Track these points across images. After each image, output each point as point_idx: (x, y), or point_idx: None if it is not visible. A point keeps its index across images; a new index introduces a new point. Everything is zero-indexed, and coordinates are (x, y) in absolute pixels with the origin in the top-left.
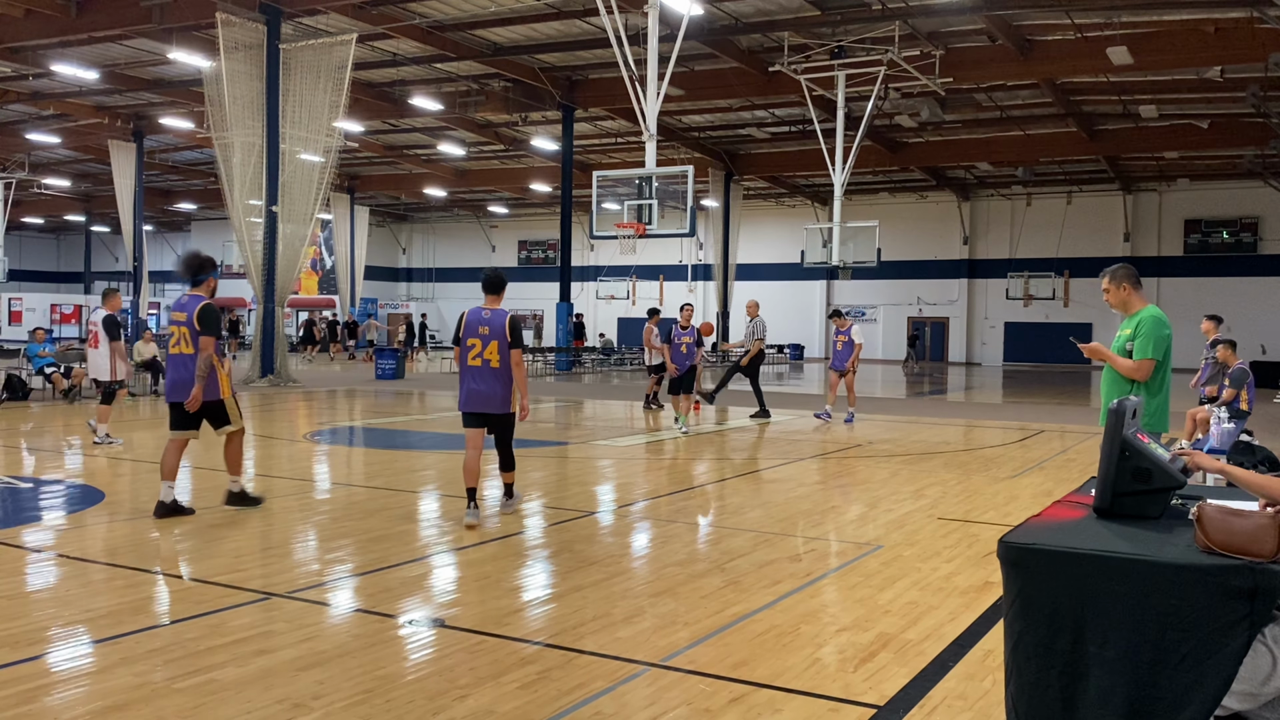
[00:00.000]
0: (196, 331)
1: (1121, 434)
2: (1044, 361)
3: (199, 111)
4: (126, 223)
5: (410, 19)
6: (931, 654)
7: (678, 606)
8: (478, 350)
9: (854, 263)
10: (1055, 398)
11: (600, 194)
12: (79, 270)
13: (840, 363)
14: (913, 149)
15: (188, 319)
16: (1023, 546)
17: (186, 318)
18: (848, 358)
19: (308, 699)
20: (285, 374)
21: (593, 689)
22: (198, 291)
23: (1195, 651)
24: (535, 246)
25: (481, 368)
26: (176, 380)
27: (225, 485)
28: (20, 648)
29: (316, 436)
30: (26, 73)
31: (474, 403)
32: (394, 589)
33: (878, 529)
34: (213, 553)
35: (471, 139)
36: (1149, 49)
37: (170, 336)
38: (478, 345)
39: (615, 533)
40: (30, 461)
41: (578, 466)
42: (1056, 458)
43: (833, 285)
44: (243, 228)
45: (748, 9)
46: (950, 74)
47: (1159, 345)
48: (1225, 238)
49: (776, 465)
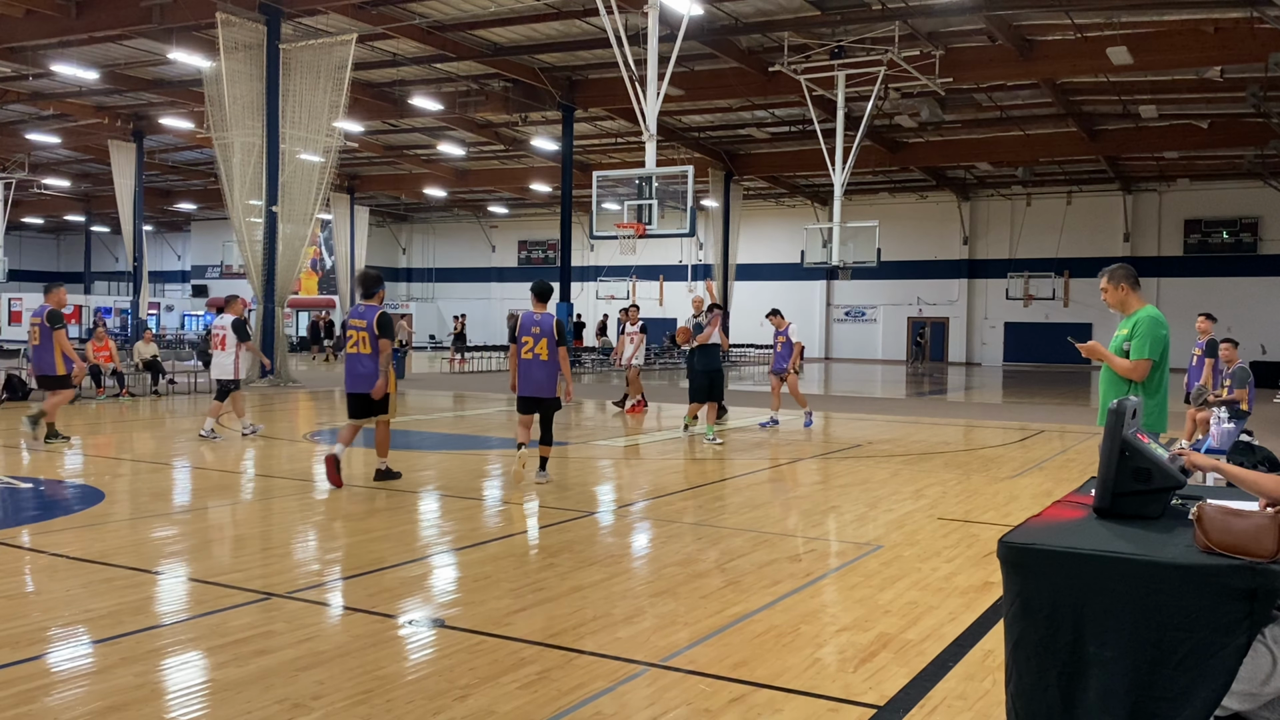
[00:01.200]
0: (375, 335)
1: (1121, 434)
2: (1044, 361)
3: (199, 111)
4: (126, 223)
5: (410, 19)
6: (931, 654)
7: (678, 606)
8: (530, 346)
9: (854, 263)
10: (1055, 398)
11: (600, 194)
12: (79, 270)
13: (780, 364)
14: (913, 149)
15: (367, 325)
16: (1023, 546)
17: (366, 324)
18: (788, 358)
19: (308, 699)
20: (285, 374)
21: (593, 689)
22: (372, 302)
23: (1195, 651)
24: (535, 246)
25: (533, 360)
26: (354, 374)
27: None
28: (20, 648)
29: (316, 436)
30: (26, 73)
31: (528, 388)
32: (394, 589)
33: (878, 529)
34: (213, 553)
35: (471, 139)
36: (1149, 49)
37: (349, 340)
38: (530, 342)
39: (615, 533)
40: (30, 461)
41: (578, 466)
42: (1056, 458)
43: (833, 285)
44: (243, 228)
45: (748, 9)
46: (950, 74)
47: (1156, 345)
48: (1225, 238)
49: (776, 465)
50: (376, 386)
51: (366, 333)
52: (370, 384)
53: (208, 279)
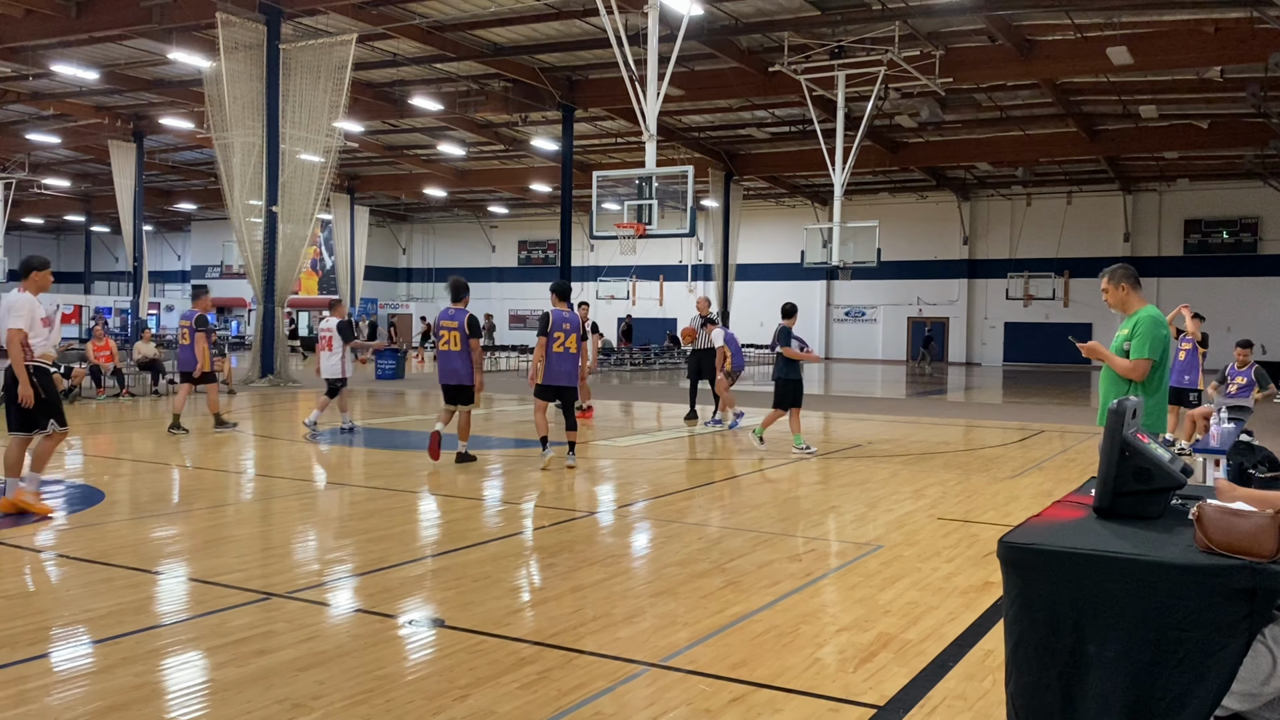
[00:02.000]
0: (466, 335)
1: (1121, 434)
2: (1044, 361)
3: (199, 111)
4: (126, 223)
5: (410, 19)
6: (931, 654)
7: (678, 606)
8: (561, 340)
9: (854, 263)
10: (1055, 398)
11: (600, 194)
12: (79, 270)
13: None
14: (913, 149)
15: (458, 325)
16: (1023, 547)
17: (457, 325)
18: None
19: (308, 699)
20: (285, 374)
21: (593, 689)
22: (460, 305)
23: (1195, 651)
24: (535, 246)
25: (564, 353)
26: (445, 369)
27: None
28: (20, 648)
29: (316, 437)
30: (26, 73)
31: (556, 378)
32: (394, 589)
33: (878, 529)
34: (213, 553)
35: (471, 139)
36: (1149, 49)
37: (440, 338)
38: (561, 337)
39: (615, 533)
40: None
41: (578, 466)
42: (1056, 458)
43: (833, 285)
44: (243, 228)
45: (748, 9)
46: (950, 74)
47: (1156, 345)
48: (1225, 238)
49: (776, 465)
50: (477, 382)
51: (458, 332)
52: (459, 377)
53: (208, 279)
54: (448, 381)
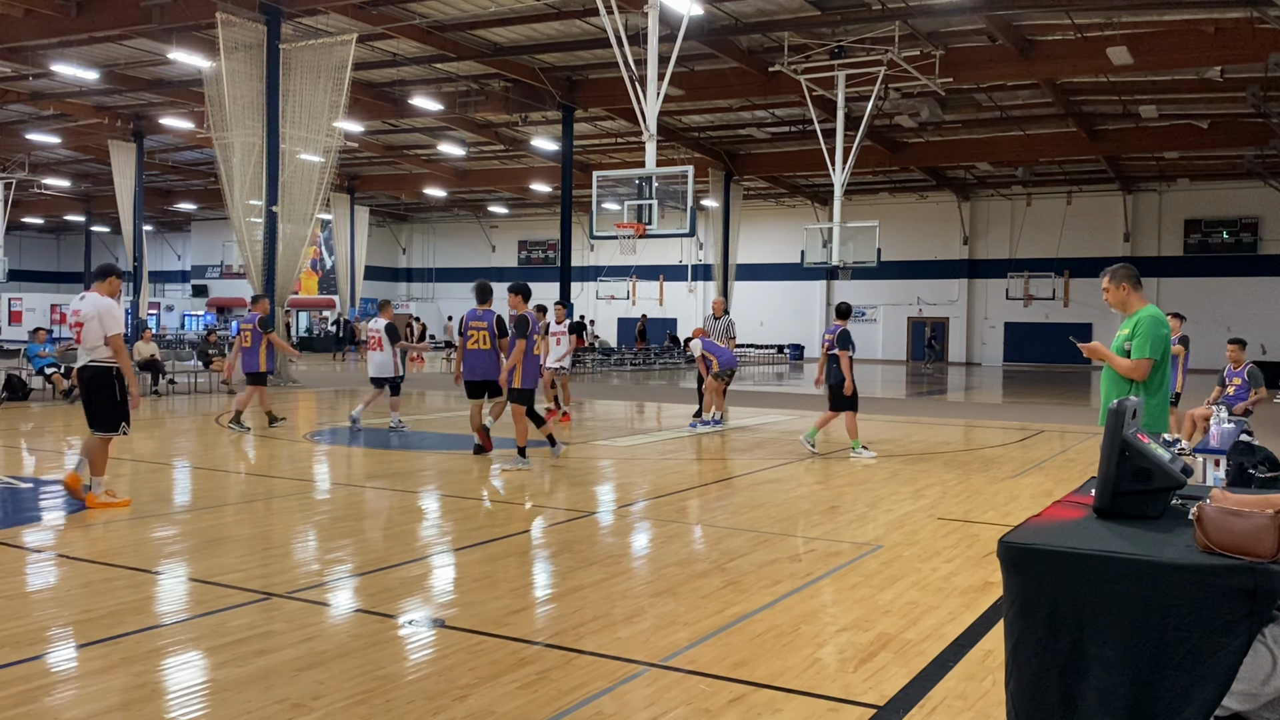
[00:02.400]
0: (494, 334)
1: (1121, 434)
2: (1044, 361)
3: (199, 111)
4: (126, 223)
5: (410, 19)
6: (931, 654)
7: (678, 606)
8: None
9: (854, 263)
10: (1055, 398)
11: (600, 194)
12: (79, 270)
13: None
14: (913, 149)
15: (488, 325)
16: (1023, 547)
17: (486, 325)
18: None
19: (308, 699)
20: (285, 374)
21: (593, 689)
22: (487, 306)
23: (1195, 651)
24: (535, 246)
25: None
26: (474, 366)
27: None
28: (20, 648)
29: (316, 436)
30: (26, 73)
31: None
32: (394, 589)
33: (878, 529)
34: (213, 553)
35: (471, 139)
36: (1149, 49)
37: (470, 338)
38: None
39: (615, 533)
40: (30, 461)
41: (578, 466)
42: (1056, 458)
43: (833, 285)
44: (243, 228)
45: (748, 9)
46: (950, 74)
47: (1157, 345)
48: (1225, 238)
49: (776, 465)
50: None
51: (486, 331)
52: (487, 374)
53: (208, 279)
54: (474, 378)
